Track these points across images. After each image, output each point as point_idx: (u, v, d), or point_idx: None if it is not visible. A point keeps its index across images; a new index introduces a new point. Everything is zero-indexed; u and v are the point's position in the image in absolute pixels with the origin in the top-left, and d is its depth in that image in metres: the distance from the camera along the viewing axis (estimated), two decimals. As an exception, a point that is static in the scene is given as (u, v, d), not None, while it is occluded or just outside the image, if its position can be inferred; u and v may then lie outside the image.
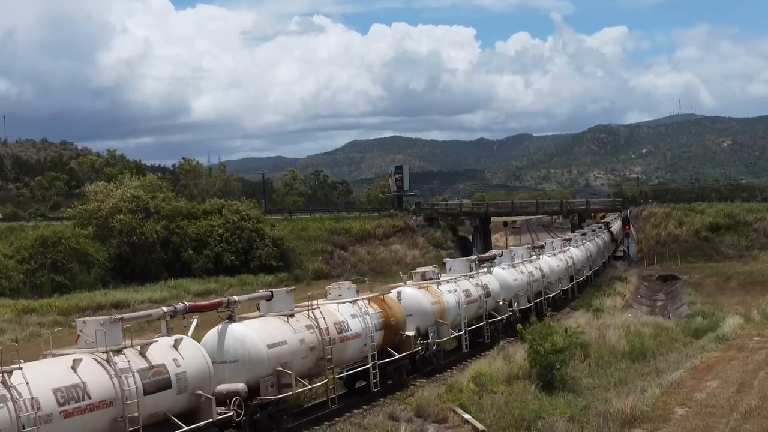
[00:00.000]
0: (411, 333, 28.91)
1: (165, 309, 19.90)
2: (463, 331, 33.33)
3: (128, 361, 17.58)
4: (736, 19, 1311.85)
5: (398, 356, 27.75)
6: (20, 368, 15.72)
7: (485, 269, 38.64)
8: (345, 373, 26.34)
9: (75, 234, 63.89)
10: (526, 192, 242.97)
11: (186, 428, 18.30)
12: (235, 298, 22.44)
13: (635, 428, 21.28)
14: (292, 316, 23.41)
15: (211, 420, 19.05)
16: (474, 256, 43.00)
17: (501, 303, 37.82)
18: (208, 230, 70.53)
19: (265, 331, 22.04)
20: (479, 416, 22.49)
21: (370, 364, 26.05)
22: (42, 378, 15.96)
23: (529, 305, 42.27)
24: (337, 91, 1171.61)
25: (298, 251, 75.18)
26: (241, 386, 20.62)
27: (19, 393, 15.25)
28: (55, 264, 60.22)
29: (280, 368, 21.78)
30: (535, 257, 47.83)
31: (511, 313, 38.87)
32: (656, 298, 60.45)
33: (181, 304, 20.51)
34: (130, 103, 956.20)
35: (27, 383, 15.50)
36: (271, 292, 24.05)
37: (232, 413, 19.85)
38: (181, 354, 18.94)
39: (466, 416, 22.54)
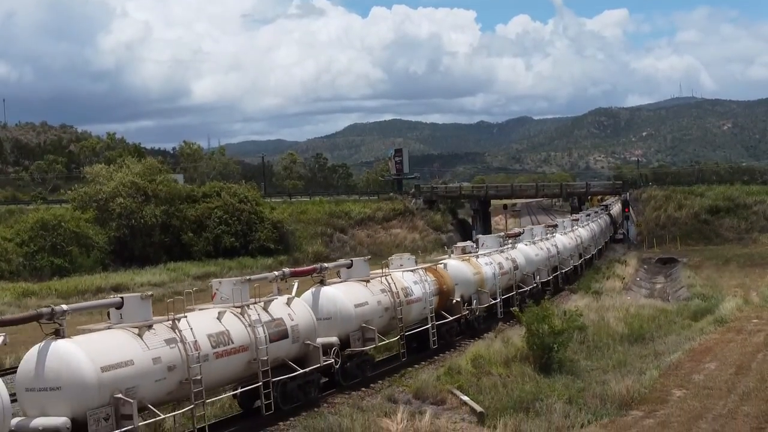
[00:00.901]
0: (458, 299, 32.47)
1: (276, 273, 23.61)
2: (498, 299, 36.83)
3: (258, 314, 20.92)
4: (737, 1, 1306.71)
5: (450, 318, 31.48)
6: (185, 316, 18.92)
7: (511, 245, 42.52)
8: (404, 333, 28.86)
9: (75, 217, 63.87)
10: (526, 175, 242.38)
11: (300, 371, 21.86)
12: (326, 265, 26.28)
13: (633, 410, 21.31)
14: (368, 281, 26.98)
15: (318, 365, 22.54)
16: (502, 233, 47.92)
17: (526, 275, 41.88)
18: (207, 212, 70.47)
19: (351, 293, 25.71)
20: (477, 398, 22.51)
21: (430, 325, 29.72)
22: (199, 325, 19.10)
23: (549, 278, 46.23)
24: (337, 74, 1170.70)
25: (297, 234, 75.14)
26: (335, 339, 24.01)
27: (185, 337, 18.39)
28: (55, 247, 60.25)
29: (364, 325, 25.39)
30: (550, 235, 51.29)
31: (534, 285, 42.59)
32: (655, 281, 60.49)
33: (287, 269, 24.44)
34: (130, 87, 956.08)
35: (191, 329, 18.64)
36: (351, 261, 27.79)
37: (332, 360, 23.36)
38: (293, 310, 22.48)
39: (464, 398, 22.56)
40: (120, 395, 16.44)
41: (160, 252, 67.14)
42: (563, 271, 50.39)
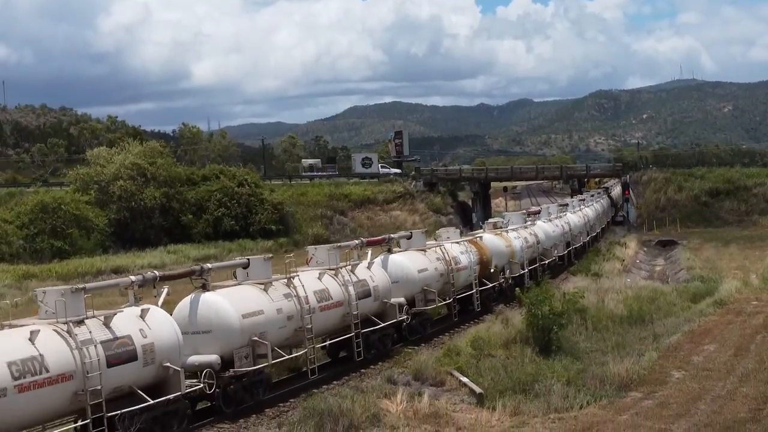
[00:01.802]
0: (494, 268, 35.73)
1: (356, 241, 27.61)
2: (526, 270, 40.35)
3: (348, 276, 24.96)
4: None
5: (490, 285, 34.86)
6: (297, 275, 22.65)
7: (531, 222, 46.19)
8: (456, 296, 31.85)
9: (75, 200, 63.84)
10: (526, 157, 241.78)
11: (381, 325, 25.61)
12: (392, 235, 30.37)
13: (632, 391, 21.40)
14: (425, 251, 30.55)
15: (395, 320, 26.49)
16: (524, 211, 52.84)
17: (546, 249, 45.67)
18: (207, 195, 70.45)
19: (414, 260, 29.33)
20: (477, 379, 22.58)
21: (475, 290, 33.44)
22: (307, 283, 22.83)
23: (564, 252, 50.43)
24: (337, 56, 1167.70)
25: (297, 216, 75.08)
26: (402, 300, 27.18)
27: (297, 293, 22.16)
28: (55, 229, 60.26)
29: (425, 288, 28.97)
30: (562, 214, 55.05)
31: (554, 258, 46.90)
32: (655, 263, 60.49)
33: (363, 239, 28.75)
34: (130, 69, 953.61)
35: (303, 286, 22.39)
36: (411, 232, 31.28)
37: (405, 317, 27.07)
38: (373, 273, 26.37)
39: (464, 379, 22.62)
40: (256, 338, 20.20)
41: (160, 234, 67.19)
42: (574, 246, 54.64)
